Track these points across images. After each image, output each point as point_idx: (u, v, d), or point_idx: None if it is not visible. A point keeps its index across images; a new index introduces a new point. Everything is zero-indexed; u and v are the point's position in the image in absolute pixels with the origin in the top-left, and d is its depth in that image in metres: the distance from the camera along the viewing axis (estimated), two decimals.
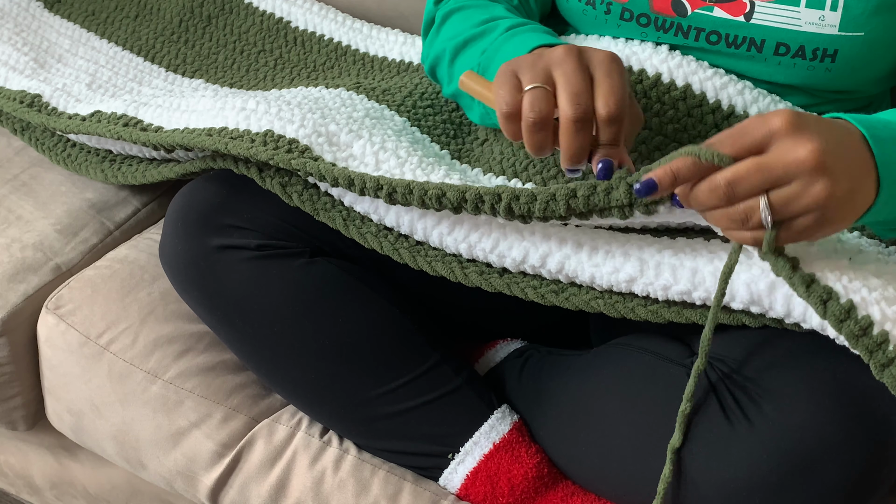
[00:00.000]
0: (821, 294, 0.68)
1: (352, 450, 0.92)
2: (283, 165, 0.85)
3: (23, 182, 1.18)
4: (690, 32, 0.89)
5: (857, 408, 0.71)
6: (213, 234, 0.88)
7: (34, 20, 1.33)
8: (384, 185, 0.79)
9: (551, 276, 0.82)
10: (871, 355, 0.67)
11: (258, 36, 1.32)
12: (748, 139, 0.65)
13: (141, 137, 0.97)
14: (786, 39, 0.86)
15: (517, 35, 0.88)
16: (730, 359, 0.78)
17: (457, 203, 0.77)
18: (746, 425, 0.74)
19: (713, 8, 0.87)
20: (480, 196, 0.76)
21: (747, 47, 0.88)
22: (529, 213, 0.75)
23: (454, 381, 0.89)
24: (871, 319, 0.68)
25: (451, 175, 0.86)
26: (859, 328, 0.68)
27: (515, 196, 0.75)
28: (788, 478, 0.72)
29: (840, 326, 0.68)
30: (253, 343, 0.90)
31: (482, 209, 0.76)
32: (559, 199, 0.73)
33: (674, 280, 0.77)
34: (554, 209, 0.74)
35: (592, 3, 0.92)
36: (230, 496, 0.95)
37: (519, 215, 0.76)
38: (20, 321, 1.06)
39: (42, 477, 1.24)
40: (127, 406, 0.99)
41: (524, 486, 0.86)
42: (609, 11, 0.91)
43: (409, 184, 0.79)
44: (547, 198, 0.74)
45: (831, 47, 0.85)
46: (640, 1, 0.90)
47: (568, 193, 0.73)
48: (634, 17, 0.91)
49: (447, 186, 0.77)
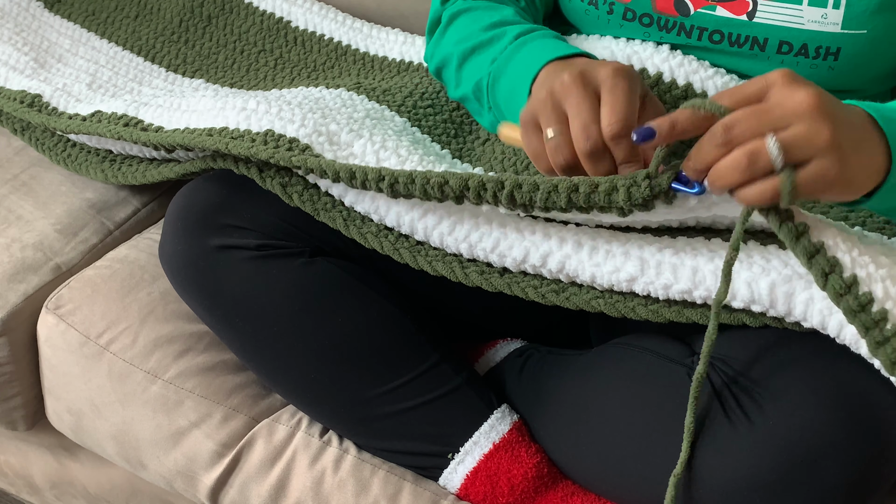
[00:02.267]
0: (823, 266, 0.67)
1: (351, 450, 0.92)
2: (283, 163, 0.85)
3: (23, 182, 1.18)
4: (693, 32, 0.89)
5: (858, 407, 0.71)
6: (213, 234, 0.88)
7: (34, 20, 1.33)
8: (386, 176, 0.79)
9: (552, 275, 0.82)
10: (867, 332, 0.67)
11: (258, 36, 1.32)
12: (746, 90, 0.66)
13: (141, 137, 0.97)
14: (789, 38, 0.86)
15: (526, 44, 0.88)
16: (731, 359, 0.78)
17: (459, 191, 0.76)
18: (747, 424, 0.74)
19: (716, 7, 0.87)
20: (483, 184, 0.76)
21: (750, 46, 0.88)
22: (531, 202, 0.74)
23: (454, 381, 0.88)
24: (871, 296, 0.67)
25: None
26: (858, 304, 0.67)
27: (518, 185, 0.75)
28: (789, 477, 0.72)
29: (838, 300, 0.67)
30: (253, 343, 0.90)
31: (484, 197, 0.76)
32: (561, 191, 0.73)
33: (674, 279, 0.77)
34: (556, 200, 0.73)
35: (595, 3, 0.92)
36: (230, 496, 0.95)
37: (521, 204, 0.75)
38: (20, 321, 1.06)
39: (42, 477, 1.24)
40: (127, 406, 0.99)
41: (524, 486, 0.86)
42: (612, 12, 0.91)
43: (411, 173, 0.78)
44: (549, 188, 0.74)
45: (834, 45, 0.85)
46: (642, 1, 0.90)
47: (570, 187, 0.73)
48: (637, 16, 0.91)
49: (450, 174, 0.77)
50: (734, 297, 0.75)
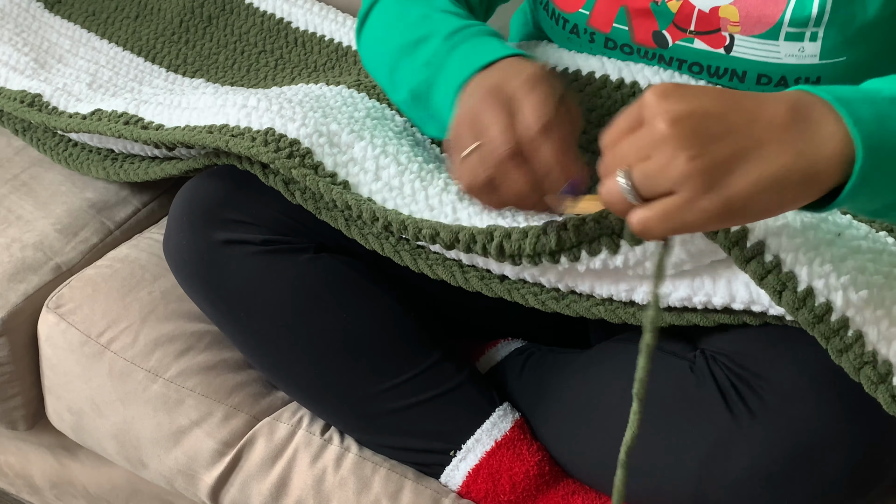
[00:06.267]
0: (775, 285, 0.68)
1: (353, 448, 0.92)
2: (283, 172, 0.85)
3: (23, 182, 1.18)
4: (673, 63, 0.90)
5: (859, 399, 0.71)
6: (218, 229, 0.88)
7: (35, 21, 1.33)
8: (380, 217, 0.81)
9: (551, 284, 0.82)
10: (828, 341, 0.68)
11: (259, 36, 1.32)
12: (621, 123, 0.61)
13: (142, 135, 0.97)
14: (766, 71, 0.85)
15: (459, 46, 0.86)
16: (732, 352, 0.78)
17: (450, 242, 0.78)
18: (749, 417, 0.74)
19: (693, 40, 0.87)
20: (473, 236, 0.77)
21: (729, 77, 0.88)
22: (520, 250, 0.76)
23: (456, 379, 0.89)
24: (829, 306, 0.68)
25: (449, 185, 0.85)
26: (814, 316, 0.67)
27: (507, 234, 0.76)
28: (791, 469, 0.72)
29: (795, 315, 0.68)
30: (257, 338, 0.90)
31: (474, 249, 0.77)
32: (550, 233, 0.75)
33: (673, 287, 0.77)
34: (545, 243, 0.75)
35: (576, 32, 0.92)
36: (231, 494, 0.95)
37: (510, 255, 0.77)
38: (20, 321, 1.06)
39: (42, 477, 1.23)
40: (127, 405, 0.99)
41: (525, 484, 0.86)
42: (593, 41, 0.92)
43: (405, 220, 0.80)
44: (538, 232, 0.75)
45: (814, 75, 0.84)
46: (621, 32, 0.90)
47: (559, 226, 0.74)
48: (618, 46, 0.91)
49: (441, 226, 0.78)
50: (734, 299, 0.75)
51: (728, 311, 0.76)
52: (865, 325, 0.68)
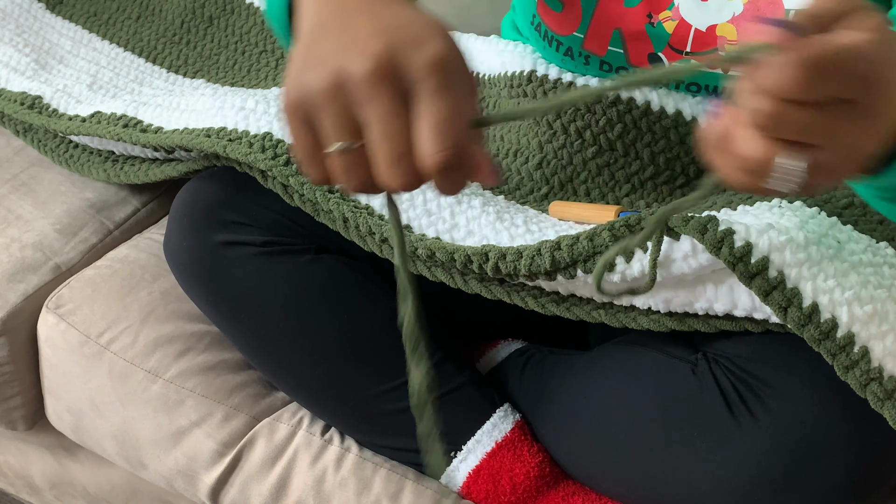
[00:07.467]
0: (780, 301, 0.68)
1: (353, 448, 0.92)
2: (280, 181, 0.85)
3: (22, 182, 1.18)
4: (670, 84, 0.89)
5: (861, 404, 0.71)
6: (219, 230, 0.88)
7: (35, 21, 1.33)
8: (376, 233, 0.81)
9: (551, 288, 0.82)
10: (834, 358, 0.68)
11: (259, 37, 1.32)
12: None
13: (140, 139, 0.97)
14: None
15: None
16: (735, 356, 0.78)
17: (446, 261, 0.78)
18: (750, 420, 0.74)
19: (689, 61, 0.87)
20: (468, 257, 0.78)
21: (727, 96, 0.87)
22: (516, 271, 0.76)
23: (457, 380, 0.88)
24: (834, 322, 0.68)
25: None
26: (820, 332, 0.67)
27: (502, 255, 0.76)
28: (792, 473, 0.72)
29: (801, 331, 0.68)
30: (257, 339, 0.90)
31: (470, 268, 0.78)
32: (544, 254, 0.75)
33: (674, 293, 0.77)
34: (539, 263, 0.75)
35: (571, 55, 0.92)
36: (231, 495, 0.95)
37: (506, 274, 0.77)
38: (20, 321, 1.06)
39: (42, 477, 1.23)
40: (127, 405, 0.99)
41: (526, 485, 0.85)
42: (588, 63, 0.91)
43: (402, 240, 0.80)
44: (532, 253, 0.75)
45: None
46: (617, 55, 0.89)
47: (552, 246, 0.75)
48: (614, 69, 0.91)
49: (437, 246, 0.79)
50: (735, 306, 0.74)
51: (730, 318, 0.76)
52: (871, 341, 0.68)
